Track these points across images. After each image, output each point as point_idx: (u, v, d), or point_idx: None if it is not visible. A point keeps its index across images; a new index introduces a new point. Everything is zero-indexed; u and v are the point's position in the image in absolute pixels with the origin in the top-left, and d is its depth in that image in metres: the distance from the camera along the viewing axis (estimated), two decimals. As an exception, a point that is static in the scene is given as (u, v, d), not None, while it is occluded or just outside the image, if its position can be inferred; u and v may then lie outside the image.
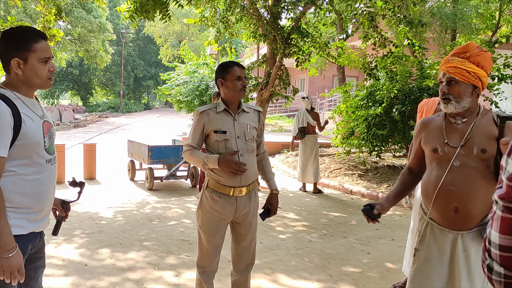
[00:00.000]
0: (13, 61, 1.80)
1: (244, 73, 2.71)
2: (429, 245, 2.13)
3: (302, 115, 7.59)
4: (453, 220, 2.04)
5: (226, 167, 2.55)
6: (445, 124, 2.14)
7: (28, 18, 26.39)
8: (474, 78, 2.03)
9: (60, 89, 42.15)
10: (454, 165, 2.04)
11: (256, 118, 2.79)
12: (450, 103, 2.06)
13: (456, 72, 2.03)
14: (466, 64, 2.02)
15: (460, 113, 2.09)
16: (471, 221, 2.02)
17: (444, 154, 2.08)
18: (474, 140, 2.04)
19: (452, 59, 2.06)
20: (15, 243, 1.76)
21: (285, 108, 27.12)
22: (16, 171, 1.79)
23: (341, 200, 7.21)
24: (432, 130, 2.18)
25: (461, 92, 2.04)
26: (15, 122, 1.76)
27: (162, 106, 55.01)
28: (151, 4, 6.96)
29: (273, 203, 2.83)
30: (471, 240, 2.02)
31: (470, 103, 2.06)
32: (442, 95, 2.08)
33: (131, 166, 8.56)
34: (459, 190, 2.01)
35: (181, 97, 16.28)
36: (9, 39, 1.82)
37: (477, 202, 1.99)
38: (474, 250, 2.01)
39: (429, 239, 2.13)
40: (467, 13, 12.78)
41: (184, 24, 38.20)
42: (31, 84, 1.87)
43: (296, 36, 7.68)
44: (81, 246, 4.50)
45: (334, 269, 4.05)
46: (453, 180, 2.03)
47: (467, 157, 2.03)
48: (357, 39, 11.84)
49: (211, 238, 2.74)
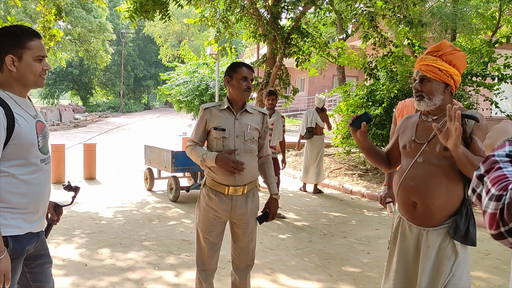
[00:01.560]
0: (8, 58, 1.79)
1: (251, 75, 2.73)
2: (399, 239, 2.18)
3: (311, 114, 7.53)
4: (414, 215, 2.09)
5: (223, 165, 2.57)
6: (419, 122, 2.20)
7: (28, 18, 26.39)
8: (445, 76, 2.07)
9: (60, 89, 42.14)
10: (418, 161, 2.10)
11: (259, 120, 2.79)
12: (423, 100, 2.11)
13: (428, 70, 2.08)
14: (438, 62, 2.07)
15: (432, 111, 2.13)
16: (432, 217, 2.04)
17: (411, 150, 2.14)
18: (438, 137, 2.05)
19: (425, 57, 2.11)
20: (4, 247, 1.73)
21: (285, 108, 27.13)
22: (11, 172, 1.79)
23: (341, 200, 7.21)
24: (408, 126, 2.25)
25: (433, 89, 2.09)
26: (8, 123, 1.75)
27: (162, 106, 55.02)
28: (151, 4, 6.96)
29: (271, 208, 2.81)
30: (436, 237, 2.04)
31: (442, 101, 2.10)
32: (415, 92, 2.13)
33: (149, 175, 7.54)
34: (417, 185, 2.06)
35: (181, 97, 16.28)
36: (3, 37, 1.81)
37: (436, 198, 2.02)
38: (437, 246, 2.03)
39: (399, 233, 2.19)
40: (467, 13, 12.79)
41: (184, 24, 38.20)
42: (24, 82, 1.86)
43: (296, 36, 7.68)
44: (81, 246, 4.49)
45: (334, 269, 4.05)
46: (413, 175, 2.09)
47: (430, 154, 2.07)
48: (357, 39, 11.85)
49: (207, 235, 2.76)
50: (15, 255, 1.82)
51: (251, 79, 2.73)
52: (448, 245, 2.03)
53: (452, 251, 2.02)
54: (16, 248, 1.81)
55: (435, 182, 2.03)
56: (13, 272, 1.84)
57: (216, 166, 2.58)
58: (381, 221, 5.79)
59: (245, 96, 2.71)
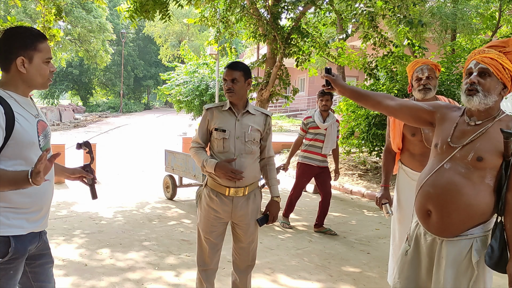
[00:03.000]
0: (19, 60, 1.80)
1: (231, 75, 2.66)
2: (413, 246, 2.03)
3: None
4: (428, 223, 1.93)
5: (222, 173, 2.60)
6: (459, 122, 1.95)
7: (28, 18, 26.39)
8: (507, 76, 1.85)
9: (60, 89, 42.15)
10: (444, 167, 1.89)
11: (262, 121, 2.77)
12: (476, 95, 1.85)
13: (492, 64, 1.84)
14: (503, 59, 1.86)
15: (478, 112, 1.90)
16: (446, 230, 1.88)
17: (442, 152, 1.93)
18: (475, 145, 1.86)
19: (488, 50, 1.89)
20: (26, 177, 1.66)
21: (285, 108, 27.13)
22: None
23: (341, 200, 7.20)
24: (447, 120, 1.99)
25: (491, 87, 1.85)
26: (8, 122, 1.74)
27: (162, 106, 55.01)
28: (151, 4, 6.96)
29: (272, 210, 2.81)
30: (452, 248, 1.87)
31: (494, 103, 1.87)
32: (470, 86, 1.87)
33: (170, 183, 6.84)
34: (436, 194, 1.88)
35: (181, 97, 16.26)
36: (15, 38, 1.81)
37: (453, 211, 1.85)
38: (452, 259, 1.87)
39: (415, 239, 2.03)
40: (467, 13, 12.79)
41: (184, 24, 38.20)
42: (32, 83, 1.87)
43: (296, 36, 7.67)
44: (81, 246, 4.49)
45: (334, 269, 4.05)
46: (434, 182, 1.90)
47: (460, 161, 1.87)
48: (357, 39, 11.84)
49: (207, 236, 2.76)
50: (17, 255, 1.82)
51: (232, 79, 2.65)
52: (465, 259, 1.86)
53: (468, 266, 1.86)
54: (18, 248, 1.81)
55: (456, 194, 1.84)
56: (15, 272, 1.84)
57: (215, 173, 2.61)
58: (381, 221, 5.79)
59: (228, 98, 2.69)
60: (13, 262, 1.81)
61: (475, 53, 1.93)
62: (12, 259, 1.80)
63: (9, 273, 1.81)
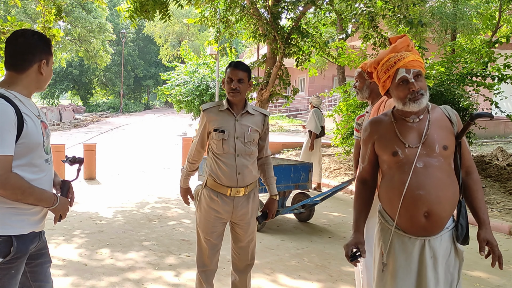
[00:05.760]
0: (42, 62, 1.88)
1: (237, 75, 2.60)
2: (396, 257, 1.93)
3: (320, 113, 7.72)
4: (423, 226, 1.87)
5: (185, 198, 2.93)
6: (397, 125, 1.95)
7: (28, 18, 26.40)
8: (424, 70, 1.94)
9: (60, 89, 42.13)
10: (418, 166, 1.86)
11: (260, 121, 2.75)
12: (423, 98, 1.89)
13: (420, 66, 1.90)
14: (418, 56, 1.92)
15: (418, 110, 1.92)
16: (440, 225, 1.88)
17: (405, 156, 1.90)
18: (433, 137, 1.88)
19: (405, 53, 1.92)
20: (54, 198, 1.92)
21: (285, 108, 27.12)
22: (16, 171, 1.78)
23: (341, 200, 7.20)
24: (385, 132, 1.98)
25: (425, 84, 1.92)
26: (18, 122, 1.75)
27: (162, 106, 55.01)
28: (151, 4, 6.96)
29: (270, 208, 2.84)
30: (439, 245, 1.88)
31: None
32: (416, 93, 1.87)
33: None
34: (428, 193, 1.84)
35: (181, 97, 16.25)
36: (40, 41, 1.88)
37: (447, 204, 1.86)
38: (441, 255, 1.88)
39: (396, 250, 1.93)
40: (467, 13, 12.80)
41: (184, 24, 38.21)
42: (42, 85, 1.95)
43: (296, 36, 7.68)
44: (81, 246, 4.49)
45: (334, 269, 4.05)
46: (419, 183, 1.85)
47: (429, 157, 1.87)
48: (357, 39, 11.84)
49: (208, 236, 2.76)
50: (19, 255, 1.82)
51: (238, 79, 2.60)
52: (451, 252, 1.90)
53: (455, 257, 1.91)
54: (20, 248, 1.81)
55: (443, 186, 1.85)
56: (16, 271, 1.85)
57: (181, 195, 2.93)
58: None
59: (232, 98, 2.63)
60: (14, 262, 1.81)
61: (396, 60, 1.91)
62: (14, 259, 1.80)
63: (11, 272, 1.81)
